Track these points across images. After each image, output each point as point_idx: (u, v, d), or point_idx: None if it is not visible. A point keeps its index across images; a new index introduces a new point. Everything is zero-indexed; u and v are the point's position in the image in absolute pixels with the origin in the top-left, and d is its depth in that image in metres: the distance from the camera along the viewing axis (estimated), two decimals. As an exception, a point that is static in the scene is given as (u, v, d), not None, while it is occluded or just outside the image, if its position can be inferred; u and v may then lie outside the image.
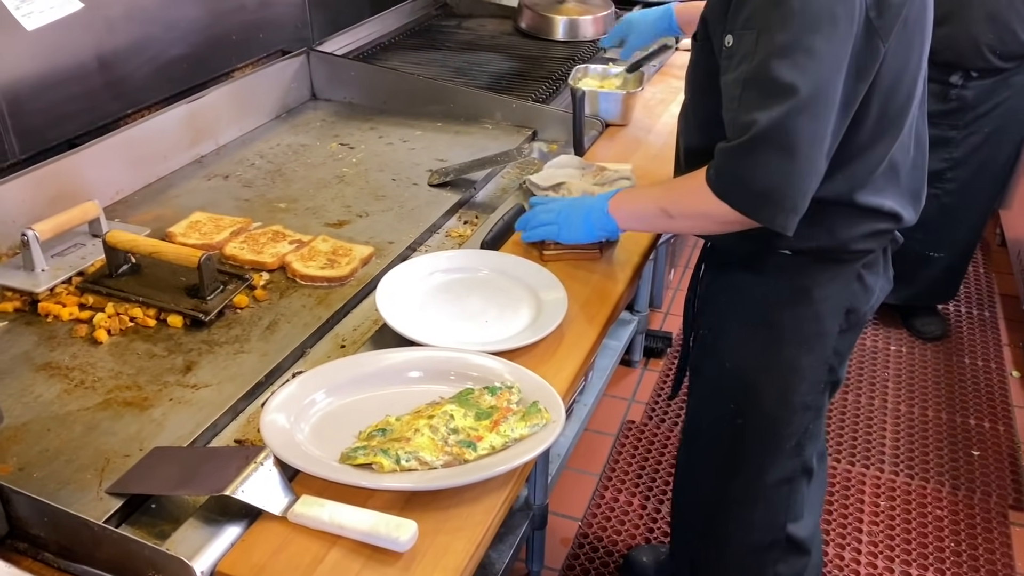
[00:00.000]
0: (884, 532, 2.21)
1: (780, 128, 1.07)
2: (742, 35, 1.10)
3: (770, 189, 1.10)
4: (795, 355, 1.35)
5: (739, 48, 1.11)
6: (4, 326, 1.25)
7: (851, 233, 1.27)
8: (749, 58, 1.09)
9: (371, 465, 0.96)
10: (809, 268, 1.31)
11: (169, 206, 1.61)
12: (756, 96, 1.08)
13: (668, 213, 1.26)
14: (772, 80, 1.07)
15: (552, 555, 2.13)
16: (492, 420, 1.01)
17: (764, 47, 1.07)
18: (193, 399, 1.12)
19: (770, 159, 1.09)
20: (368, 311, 1.32)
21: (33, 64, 1.54)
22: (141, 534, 0.94)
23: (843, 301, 1.33)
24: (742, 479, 1.50)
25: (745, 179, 1.12)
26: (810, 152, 1.09)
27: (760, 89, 1.08)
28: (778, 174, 1.09)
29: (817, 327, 1.34)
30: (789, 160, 1.08)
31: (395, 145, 1.88)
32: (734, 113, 1.11)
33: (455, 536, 0.91)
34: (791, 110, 1.06)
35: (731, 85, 1.12)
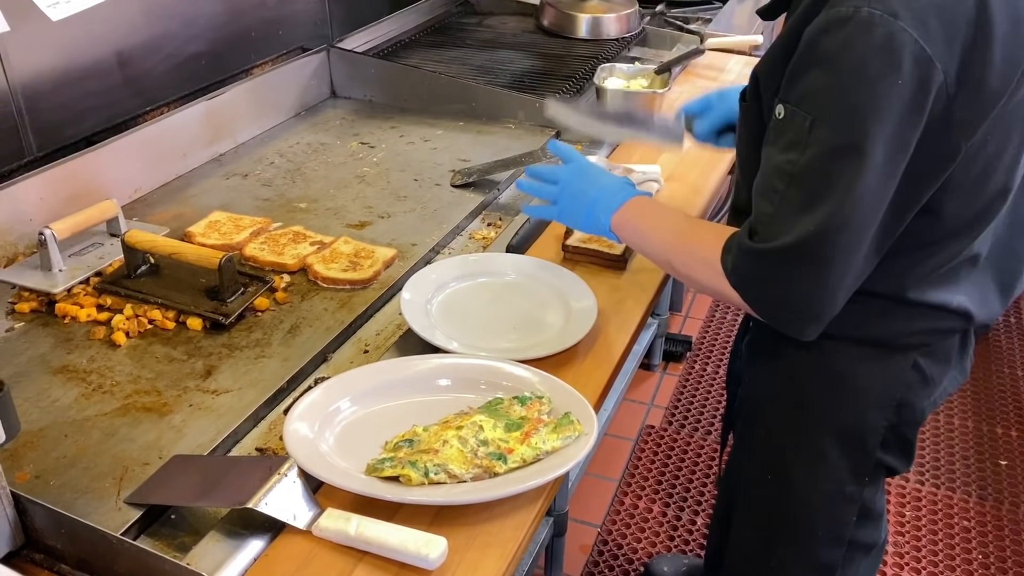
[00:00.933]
0: (910, 543, 2.16)
1: (819, 241, 0.93)
2: (794, 113, 0.94)
3: (795, 300, 0.99)
4: (829, 444, 1.17)
5: (789, 128, 0.94)
6: (21, 327, 1.23)
7: (906, 327, 1.10)
8: (798, 148, 0.93)
9: (398, 478, 0.92)
10: (849, 352, 1.12)
11: (188, 205, 1.58)
12: (798, 197, 0.94)
13: (673, 267, 1.13)
14: (820, 186, 0.92)
15: (571, 563, 2.10)
16: (523, 432, 0.97)
17: (817, 142, 0.92)
18: (213, 405, 1.09)
19: (801, 272, 0.96)
20: (391, 315, 1.29)
21: (51, 60, 1.51)
22: (160, 546, 0.91)
23: (893, 394, 1.13)
24: (786, 546, 1.30)
25: (768, 286, 0.99)
26: (847, 265, 0.96)
27: (805, 192, 0.94)
28: (807, 287, 0.97)
29: (857, 420, 1.16)
30: (821, 274, 0.95)
31: (416, 144, 1.85)
32: (770, 206, 0.97)
33: (485, 553, 0.88)
34: (834, 223, 0.92)
35: (773, 172, 0.97)
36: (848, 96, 0.89)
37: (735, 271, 1.01)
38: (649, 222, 1.15)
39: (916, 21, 0.86)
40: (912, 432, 1.19)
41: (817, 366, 1.15)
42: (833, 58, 0.90)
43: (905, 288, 1.07)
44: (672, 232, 1.13)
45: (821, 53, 0.91)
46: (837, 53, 0.89)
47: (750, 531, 1.36)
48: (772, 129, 0.98)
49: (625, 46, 2.38)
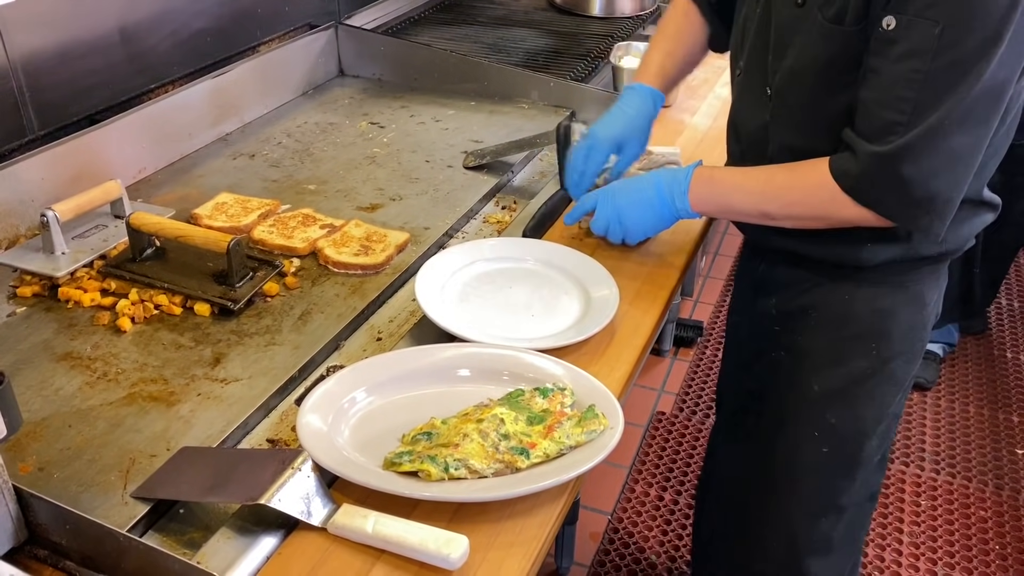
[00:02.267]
0: (926, 533, 2.13)
1: (955, 132, 0.96)
2: (914, 23, 0.95)
3: (933, 195, 1.00)
4: (900, 366, 1.21)
5: (907, 37, 0.96)
6: (23, 312, 1.19)
7: (971, 231, 1.16)
8: (924, 55, 0.95)
9: (417, 473, 0.89)
10: (923, 271, 1.18)
11: (194, 186, 1.54)
12: (932, 97, 0.96)
13: (770, 216, 1.13)
14: (954, 82, 0.95)
15: (581, 550, 2.07)
16: (546, 425, 0.94)
17: (953, 46, 0.94)
18: (222, 394, 1.05)
19: (938, 164, 0.98)
20: (405, 302, 1.25)
21: (52, 36, 1.47)
22: (169, 543, 0.87)
23: (935, 299, 1.22)
24: (828, 514, 1.31)
25: (906, 186, 1.00)
26: (978, 155, 1.00)
27: (937, 91, 0.95)
28: (944, 180, 0.99)
29: (924, 335, 1.23)
30: (957, 165, 0.99)
31: (427, 125, 1.80)
32: (900, 115, 0.98)
33: (508, 552, 0.84)
34: (971, 109, 0.96)
35: (895, 82, 0.97)
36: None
37: (866, 183, 1.02)
38: (727, 186, 1.17)
39: None
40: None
41: (896, 293, 1.18)
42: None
43: (980, 189, 1.13)
44: (759, 182, 1.14)
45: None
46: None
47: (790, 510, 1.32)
48: (878, 41, 0.98)
49: (640, 24, 2.32)
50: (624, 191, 1.23)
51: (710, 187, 1.18)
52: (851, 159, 1.03)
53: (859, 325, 1.20)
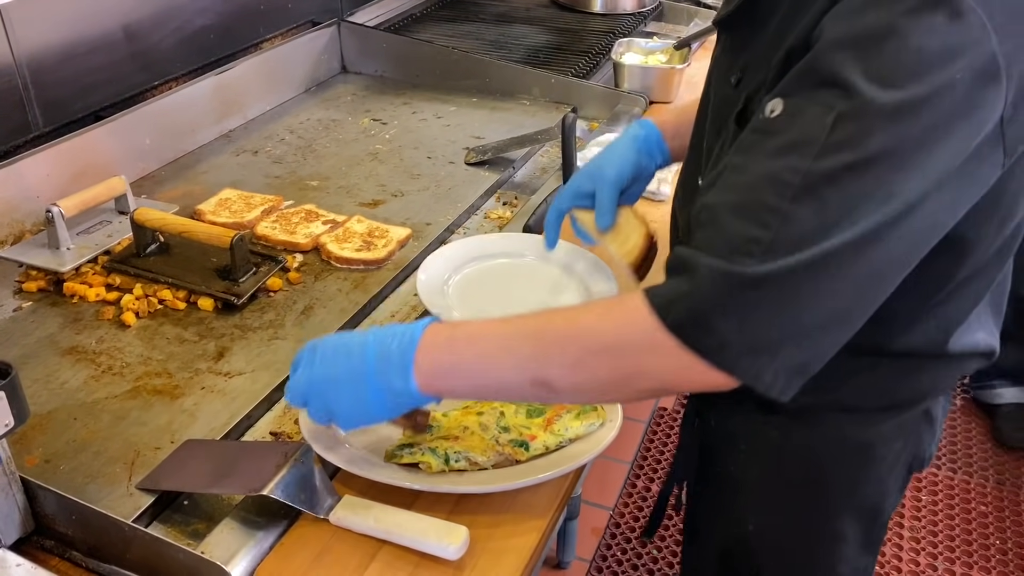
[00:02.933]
0: (927, 528, 2.14)
1: (845, 265, 0.68)
2: (803, 107, 0.70)
3: (792, 344, 0.71)
4: (846, 522, 0.98)
5: (791, 126, 0.70)
6: (28, 307, 1.20)
7: (937, 384, 0.94)
8: (808, 149, 0.68)
9: (418, 464, 0.90)
10: (874, 419, 0.93)
11: (197, 182, 1.55)
12: (816, 212, 0.68)
13: (549, 385, 0.77)
14: (853, 197, 0.68)
15: (583, 545, 2.08)
16: (545, 418, 0.95)
17: (848, 143, 0.67)
18: (226, 388, 1.06)
19: (812, 304, 0.70)
20: (406, 297, 1.26)
21: (57, 33, 1.48)
22: (174, 533, 0.88)
23: (909, 451, 0.97)
24: None
25: (759, 327, 0.70)
26: (870, 298, 0.73)
27: (825, 203, 0.68)
28: (816, 326, 0.71)
29: (878, 488, 0.98)
30: (839, 307, 0.71)
31: (429, 121, 1.81)
32: (762, 229, 0.69)
33: (508, 543, 0.85)
34: (869, 239, 0.68)
35: (763, 181, 0.70)
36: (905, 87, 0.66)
37: (694, 310, 0.71)
38: (478, 347, 0.79)
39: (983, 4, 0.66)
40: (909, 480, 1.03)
41: (834, 440, 0.94)
42: (876, 35, 0.67)
43: (944, 340, 0.88)
44: (528, 337, 0.78)
45: (857, 30, 0.68)
46: (883, 29, 0.67)
47: None
48: (756, 129, 0.74)
49: (641, 21, 2.33)
50: (328, 348, 0.83)
51: (450, 353, 0.79)
52: (680, 283, 0.72)
53: (785, 469, 0.97)
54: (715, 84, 0.90)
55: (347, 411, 0.81)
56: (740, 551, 1.03)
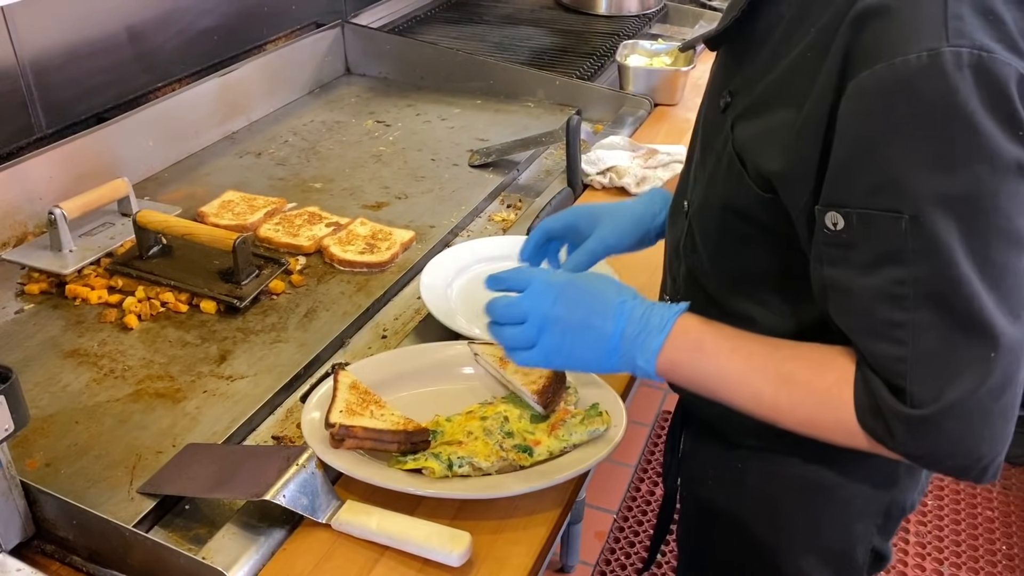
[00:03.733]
0: (932, 533, 2.13)
1: (999, 390, 0.67)
2: (869, 218, 0.67)
3: (984, 447, 0.69)
4: (811, 564, 0.95)
5: (864, 238, 0.68)
6: (31, 309, 1.20)
7: None
8: (901, 259, 0.66)
9: (421, 470, 0.89)
10: (833, 461, 0.89)
11: (200, 184, 1.55)
12: (937, 320, 0.67)
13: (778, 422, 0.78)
14: (976, 318, 0.66)
15: (587, 549, 2.07)
16: (549, 423, 0.94)
17: (933, 238, 0.65)
18: (228, 391, 1.06)
19: (985, 426, 0.68)
20: (410, 299, 1.25)
21: (60, 35, 1.47)
22: (175, 538, 0.88)
23: (885, 498, 0.92)
24: None
25: (949, 443, 0.69)
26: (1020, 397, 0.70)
27: (944, 310, 0.66)
28: (996, 429, 0.69)
29: (845, 533, 0.94)
30: (1006, 421, 0.69)
31: (433, 123, 1.80)
32: (898, 347, 0.68)
33: (511, 550, 0.85)
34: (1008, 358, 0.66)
35: (874, 301, 0.69)
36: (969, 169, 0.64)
37: (902, 443, 0.71)
38: (721, 366, 0.80)
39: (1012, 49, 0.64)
40: (897, 525, 0.98)
41: (793, 480, 0.92)
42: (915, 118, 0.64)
43: None
44: (769, 378, 0.78)
45: (891, 120, 0.65)
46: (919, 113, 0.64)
47: None
48: (827, 245, 0.71)
49: (646, 23, 2.32)
50: (567, 309, 0.81)
51: (694, 359, 0.80)
52: (877, 412, 0.72)
53: (749, 505, 0.96)
54: (706, 106, 0.89)
55: (576, 360, 0.82)
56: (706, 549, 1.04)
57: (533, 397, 0.94)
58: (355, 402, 0.93)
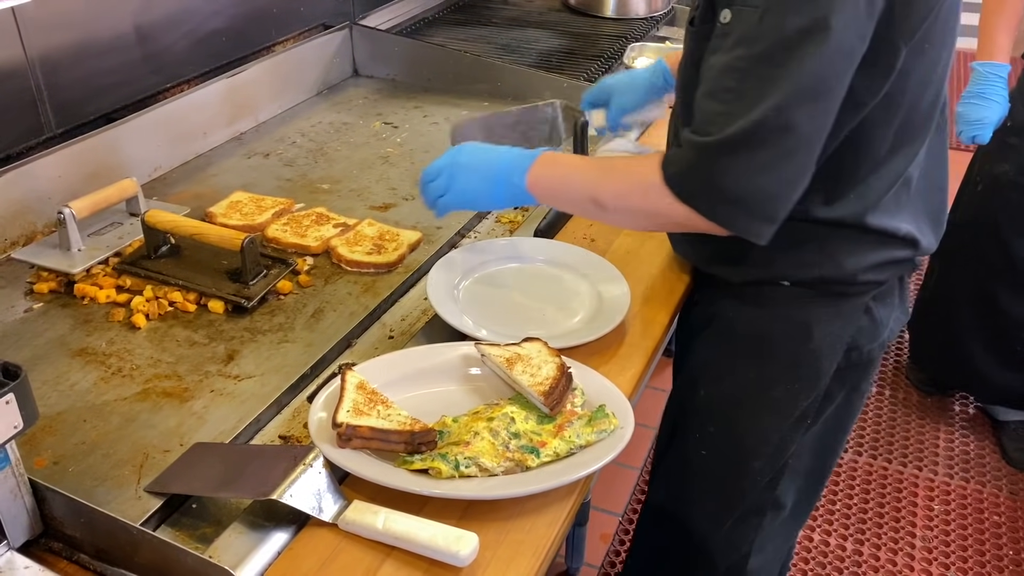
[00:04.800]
0: (939, 538, 2.12)
1: (778, 124, 0.90)
2: (741, 11, 0.92)
3: (752, 193, 0.93)
4: (782, 394, 1.18)
5: (737, 26, 0.92)
6: (39, 308, 1.20)
7: (861, 262, 1.09)
8: (748, 42, 0.91)
9: (427, 470, 0.89)
10: (810, 301, 1.13)
11: (208, 184, 1.55)
12: (754, 87, 0.90)
13: (601, 204, 1.05)
14: (778, 68, 0.89)
15: (592, 551, 2.07)
16: (556, 424, 0.94)
17: (771, 30, 0.89)
18: (235, 391, 1.06)
19: (759, 159, 0.91)
20: (417, 300, 1.25)
21: (70, 35, 1.48)
22: (182, 537, 0.88)
23: (845, 338, 1.15)
24: (702, 510, 1.32)
25: (723, 182, 0.93)
26: (807, 153, 0.93)
27: (761, 79, 0.90)
28: (766, 177, 0.92)
29: (812, 367, 1.16)
30: (782, 161, 0.92)
31: (440, 125, 1.81)
32: (720, 104, 0.92)
33: (517, 550, 0.84)
34: (794, 102, 0.89)
35: (721, 71, 0.93)
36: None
37: (684, 176, 0.95)
38: (566, 169, 1.09)
39: None
40: (855, 377, 1.21)
41: (778, 319, 1.14)
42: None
43: (862, 213, 1.05)
44: (595, 170, 1.06)
45: None
46: None
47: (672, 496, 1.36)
48: (716, 37, 0.95)
49: (654, 25, 2.32)
50: (472, 151, 1.14)
51: (551, 168, 1.09)
52: (677, 152, 0.97)
53: (740, 344, 1.18)
54: (687, 36, 1.09)
55: (471, 191, 1.11)
56: (690, 414, 1.26)
57: (540, 398, 0.94)
58: (362, 402, 0.93)
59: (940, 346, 2.44)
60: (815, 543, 2.10)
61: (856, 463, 2.34)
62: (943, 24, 0.98)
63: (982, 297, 2.26)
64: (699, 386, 1.25)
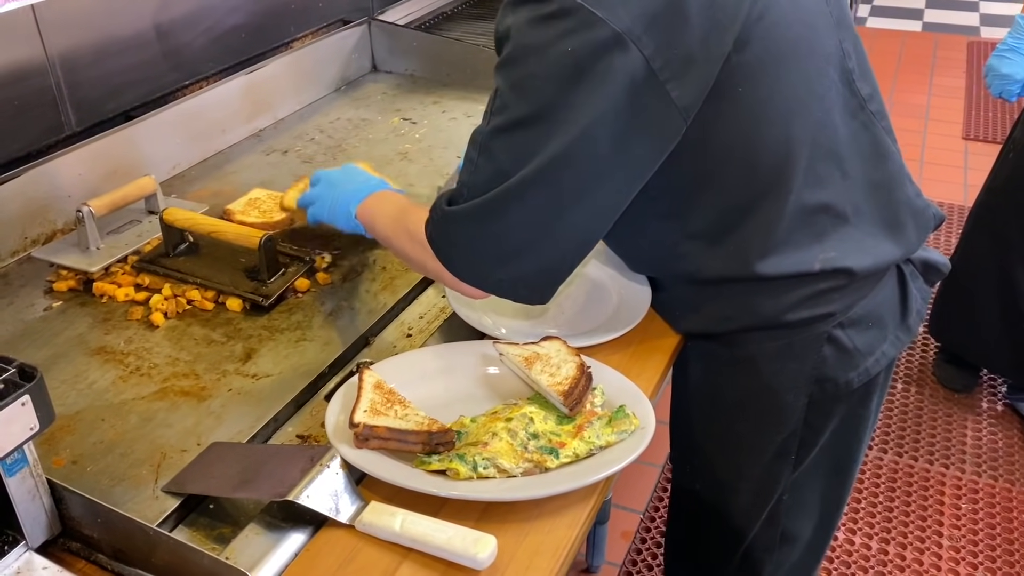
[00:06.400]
0: (967, 537, 2.08)
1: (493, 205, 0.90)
2: (494, 85, 0.92)
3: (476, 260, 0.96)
4: (746, 432, 1.13)
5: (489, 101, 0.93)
6: (58, 306, 1.20)
7: (779, 304, 1.02)
8: (486, 117, 0.92)
9: (445, 471, 0.88)
10: (756, 337, 1.06)
11: (227, 182, 1.55)
12: (489, 161, 0.91)
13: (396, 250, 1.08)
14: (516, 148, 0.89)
15: (612, 549, 2.05)
16: (575, 425, 0.92)
17: (501, 110, 0.89)
18: (253, 390, 1.05)
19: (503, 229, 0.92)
20: (435, 298, 1.24)
21: (89, 33, 1.48)
22: (199, 537, 0.88)
23: (806, 372, 1.06)
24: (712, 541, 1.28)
25: (456, 246, 0.96)
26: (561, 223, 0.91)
27: (498, 157, 0.90)
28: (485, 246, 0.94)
29: (771, 403, 1.09)
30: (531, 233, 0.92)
31: (459, 120, 1.79)
32: (467, 175, 0.93)
33: (536, 553, 0.83)
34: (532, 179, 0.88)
35: (470, 141, 0.94)
36: (520, 63, 0.88)
37: (431, 235, 0.98)
38: (381, 208, 1.10)
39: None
40: (849, 404, 1.12)
41: (720, 352, 1.10)
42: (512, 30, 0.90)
43: (746, 265, 0.99)
44: (392, 215, 1.08)
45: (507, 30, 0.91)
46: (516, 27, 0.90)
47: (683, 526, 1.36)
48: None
49: (674, 18, 2.29)
50: (338, 175, 1.18)
51: (374, 206, 1.11)
52: (432, 212, 0.98)
53: (694, 385, 1.16)
54: None
55: (332, 207, 1.15)
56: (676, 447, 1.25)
57: (559, 398, 0.93)
58: (379, 402, 0.92)
59: (958, 315, 2.38)
60: (839, 542, 2.07)
61: (881, 460, 2.30)
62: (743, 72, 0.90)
63: (1002, 266, 2.20)
64: (679, 419, 1.22)
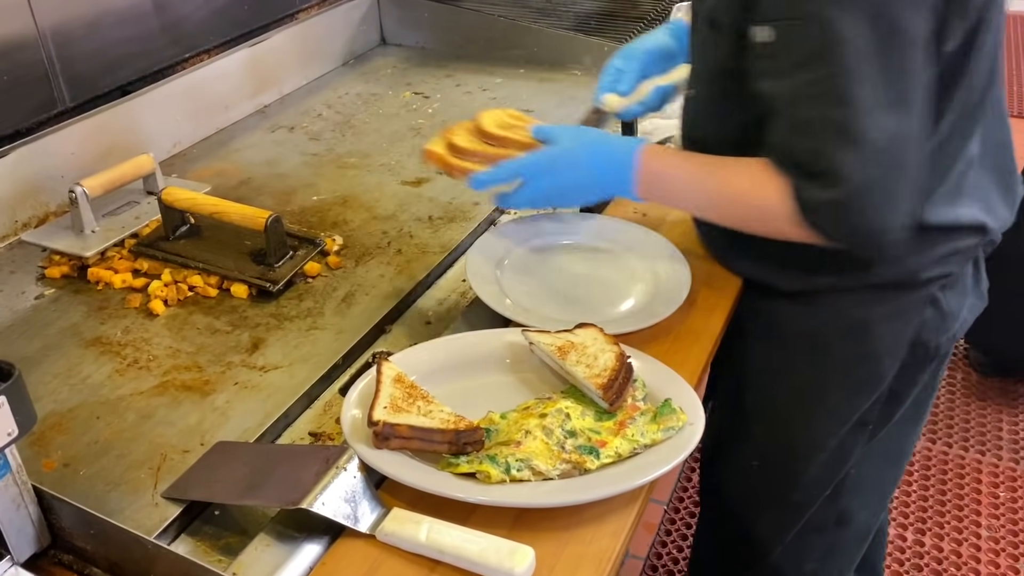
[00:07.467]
0: (1006, 527, 2.00)
1: (888, 157, 0.83)
2: (791, 28, 0.82)
3: (894, 220, 0.86)
4: (838, 399, 1.09)
5: (787, 48, 0.83)
6: (51, 294, 1.12)
7: (922, 259, 0.99)
8: (814, 63, 0.82)
9: (475, 474, 0.79)
10: (868, 299, 1.03)
11: (230, 160, 1.47)
12: (840, 115, 0.82)
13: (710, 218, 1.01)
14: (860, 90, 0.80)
15: (636, 541, 1.97)
16: (616, 421, 0.84)
17: (840, 45, 0.80)
18: (261, 383, 0.97)
19: (879, 202, 0.84)
20: (455, 283, 1.16)
21: (83, 4, 1.39)
22: (203, 548, 0.80)
23: (908, 335, 1.05)
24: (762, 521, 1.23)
25: (854, 225, 0.87)
26: (919, 175, 0.86)
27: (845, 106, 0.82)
28: (890, 213, 0.85)
29: (872, 368, 1.06)
30: (905, 179, 0.85)
31: (474, 94, 1.70)
32: (811, 140, 0.85)
33: (578, 566, 0.75)
34: (899, 139, 0.82)
35: (792, 102, 0.85)
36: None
37: (821, 223, 0.88)
38: (672, 186, 1.00)
39: None
40: (922, 374, 1.10)
41: (833, 319, 1.05)
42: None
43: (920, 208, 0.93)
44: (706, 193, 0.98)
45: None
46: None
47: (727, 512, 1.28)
48: (761, 57, 0.87)
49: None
50: (553, 172, 1.01)
51: (658, 185, 1.00)
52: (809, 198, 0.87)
53: (790, 347, 1.09)
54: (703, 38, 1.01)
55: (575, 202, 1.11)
56: (738, 424, 1.18)
57: (598, 392, 0.84)
58: (400, 397, 0.84)
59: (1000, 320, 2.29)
60: (873, 533, 1.99)
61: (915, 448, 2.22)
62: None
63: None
64: (746, 392, 1.16)
